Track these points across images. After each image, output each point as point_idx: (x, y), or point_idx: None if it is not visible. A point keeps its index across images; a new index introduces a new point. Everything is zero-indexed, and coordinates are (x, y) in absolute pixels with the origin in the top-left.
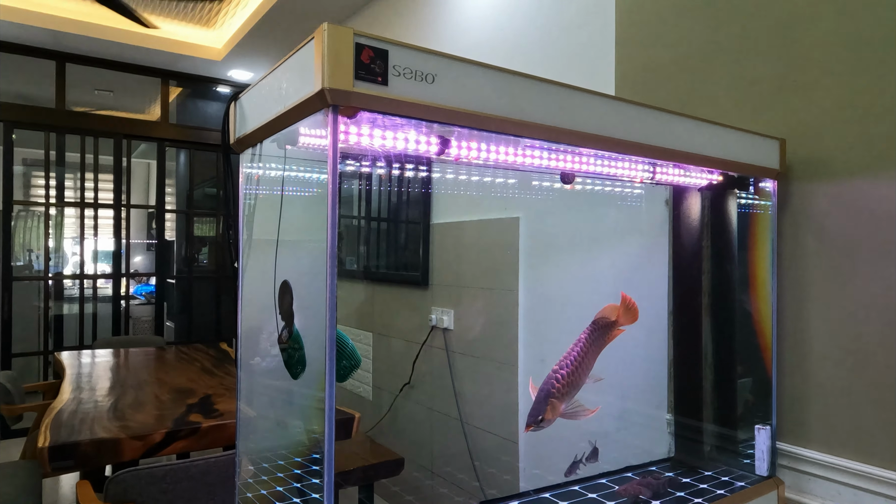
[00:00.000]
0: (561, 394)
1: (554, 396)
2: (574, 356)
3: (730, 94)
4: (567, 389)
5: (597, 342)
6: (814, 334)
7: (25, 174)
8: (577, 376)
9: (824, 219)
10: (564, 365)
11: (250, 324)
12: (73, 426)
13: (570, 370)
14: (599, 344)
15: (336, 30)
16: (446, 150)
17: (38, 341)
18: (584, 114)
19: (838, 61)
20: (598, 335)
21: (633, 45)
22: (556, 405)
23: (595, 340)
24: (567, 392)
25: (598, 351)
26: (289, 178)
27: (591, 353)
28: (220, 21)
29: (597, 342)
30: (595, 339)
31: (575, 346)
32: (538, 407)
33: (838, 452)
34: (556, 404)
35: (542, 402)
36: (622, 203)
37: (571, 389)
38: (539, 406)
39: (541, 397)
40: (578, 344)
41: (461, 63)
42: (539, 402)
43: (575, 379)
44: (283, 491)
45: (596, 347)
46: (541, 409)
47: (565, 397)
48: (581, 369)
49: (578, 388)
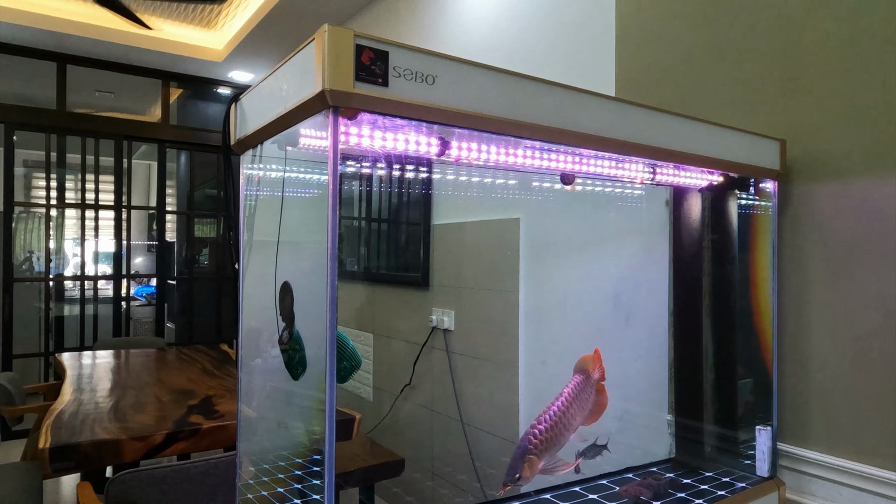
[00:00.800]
0: (539, 450)
1: (531, 453)
2: (553, 411)
3: (730, 95)
4: (546, 446)
5: (580, 397)
6: (814, 335)
7: (26, 175)
8: (557, 432)
9: (825, 219)
10: (543, 420)
11: (251, 325)
12: (73, 427)
13: (549, 425)
14: (583, 399)
15: (336, 31)
16: (446, 151)
17: (38, 343)
18: (584, 114)
19: (838, 62)
20: (580, 390)
21: (634, 45)
22: (533, 462)
23: (578, 396)
24: (546, 448)
25: (582, 407)
26: (289, 180)
27: (574, 408)
28: (220, 22)
29: (580, 397)
30: (577, 394)
31: (556, 401)
32: (515, 465)
33: (839, 453)
34: (534, 461)
35: (519, 460)
36: (622, 204)
37: (551, 446)
38: (516, 464)
39: (517, 454)
40: (560, 398)
41: (461, 64)
42: (516, 460)
43: (554, 434)
44: (284, 492)
45: (579, 403)
46: (517, 467)
47: (544, 454)
48: (561, 425)
49: (559, 444)
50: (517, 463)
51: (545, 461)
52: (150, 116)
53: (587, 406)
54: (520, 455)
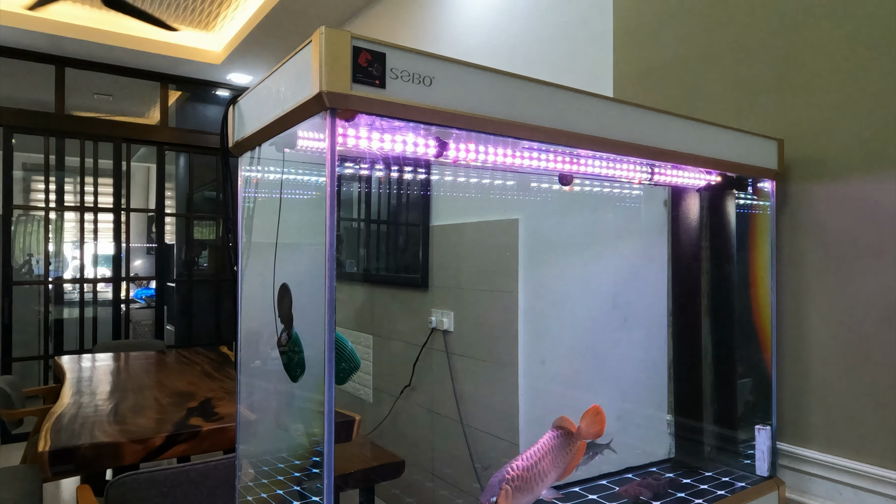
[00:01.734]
0: (514, 484)
1: (507, 483)
2: (531, 453)
3: (728, 95)
4: (520, 483)
5: (557, 449)
6: (813, 334)
7: (25, 179)
8: (532, 475)
9: (823, 218)
10: (521, 458)
11: (250, 327)
12: (73, 430)
13: (526, 465)
14: (561, 453)
15: (333, 33)
16: (444, 152)
17: (38, 345)
18: (582, 115)
19: (835, 62)
20: (558, 442)
21: (632, 46)
22: (509, 493)
23: (555, 447)
24: (520, 488)
25: (559, 461)
26: (287, 182)
27: (550, 458)
28: (218, 24)
29: (557, 449)
30: (555, 445)
31: (533, 446)
32: (491, 489)
33: (839, 452)
34: (509, 492)
35: (496, 486)
36: (621, 204)
37: (525, 485)
38: (493, 488)
39: (494, 481)
40: (537, 444)
41: (459, 65)
42: (492, 485)
43: (530, 476)
44: (284, 494)
45: (555, 454)
46: (494, 491)
47: (519, 491)
48: (536, 470)
49: (532, 491)
50: (494, 488)
51: (522, 496)
52: (149, 119)
53: (561, 464)
54: (497, 482)
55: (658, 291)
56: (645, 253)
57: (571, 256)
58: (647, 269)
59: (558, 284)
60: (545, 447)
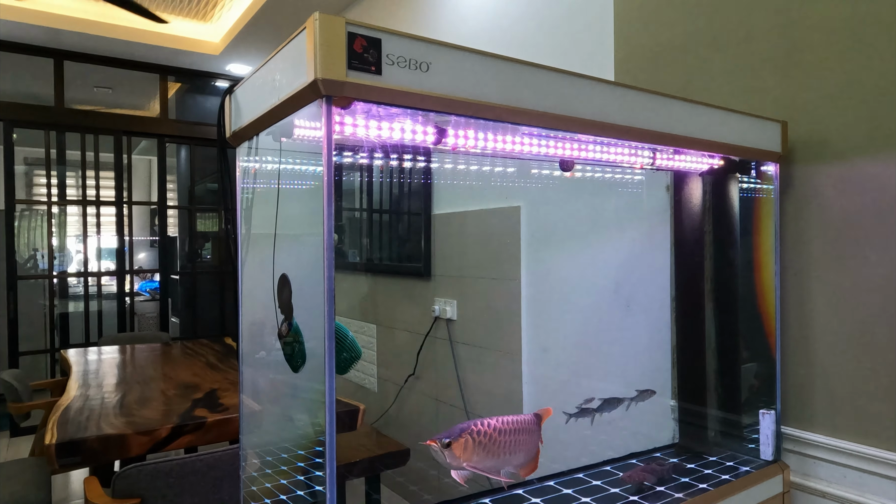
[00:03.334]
0: (477, 438)
1: (470, 434)
2: (506, 420)
3: (730, 77)
4: (485, 441)
5: (529, 434)
6: (818, 318)
7: (27, 173)
8: (499, 442)
9: (827, 201)
10: (495, 419)
11: (252, 318)
12: (79, 423)
13: (498, 427)
14: (530, 442)
15: (328, 19)
16: (443, 139)
17: (44, 339)
18: (582, 100)
19: (839, 42)
20: (533, 429)
21: (632, 29)
22: (468, 444)
23: (529, 431)
24: (484, 445)
25: (528, 448)
26: (285, 171)
27: (522, 437)
28: (216, 15)
29: (529, 434)
30: (529, 429)
31: (511, 417)
32: (450, 433)
33: (843, 436)
34: (469, 443)
35: (456, 432)
36: (623, 189)
37: (488, 446)
38: (452, 432)
39: (457, 428)
40: (516, 417)
41: (456, 50)
42: (453, 430)
43: (496, 441)
44: (288, 484)
45: (527, 437)
46: (452, 435)
47: (480, 448)
48: (504, 439)
49: (494, 457)
50: (454, 432)
51: (477, 460)
52: (149, 111)
53: (528, 451)
54: (458, 431)
55: (661, 277)
56: (648, 238)
57: (574, 243)
58: (650, 255)
59: (561, 271)
60: (521, 423)
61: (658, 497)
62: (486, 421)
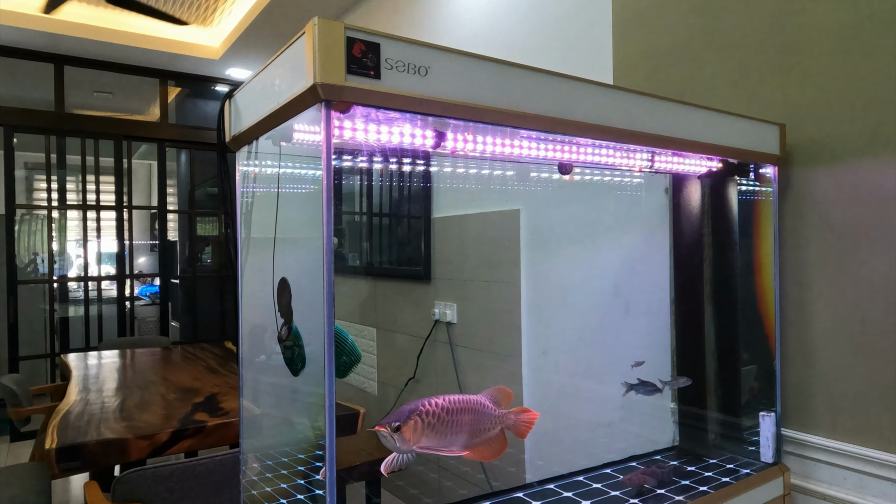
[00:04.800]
0: (426, 419)
1: (419, 416)
2: (455, 399)
3: (728, 80)
4: (434, 422)
5: (480, 414)
6: (817, 320)
7: (27, 178)
8: (448, 421)
9: (826, 203)
10: (443, 398)
11: (252, 322)
12: (79, 427)
13: (447, 407)
14: (481, 422)
15: (326, 24)
16: (442, 142)
17: (44, 344)
18: (580, 103)
19: (837, 45)
20: (484, 408)
21: (631, 32)
22: (418, 425)
23: (479, 411)
24: (433, 426)
25: (476, 428)
26: (285, 176)
27: (470, 416)
28: (216, 19)
29: (480, 414)
30: (479, 409)
31: (461, 396)
32: (399, 415)
33: (843, 438)
34: (418, 424)
35: (405, 414)
36: (622, 192)
37: (437, 426)
38: (401, 414)
39: (406, 409)
40: (466, 396)
41: (454, 55)
42: (402, 412)
43: (445, 420)
44: (288, 488)
45: (475, 417)
46: (401, 418)
47: (429, 429)
48: (453, 419)
49: (442, 436)
50: (403, 414)
51: (426, 440)
52: (149, 116)
53: (476, 431)
54: (408, 410)
55: (660, 279)
56: (647, 241)
57: (573, 246)
58: (649, 258)
59: (560, 274)
60: (471, 403)
61: (658, 500)
62: (433, 400)
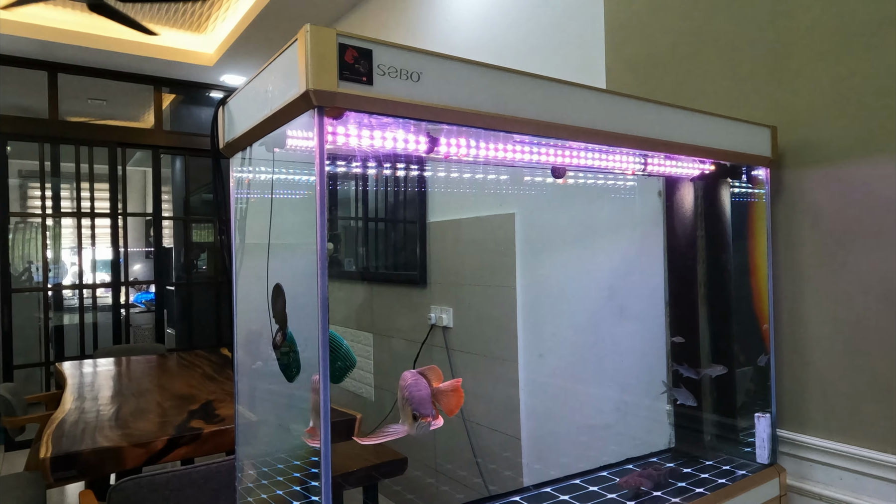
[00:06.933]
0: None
1: (427, 400)
2: (408, 377)
3: (720, 83)
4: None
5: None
6: (811, 321)
7: (21, 186)
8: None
9: (818, 205)
10: (413, 382)
11: (247, 328)
12: (74, 436)
13: (413, 381)
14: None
15: (319, 31)
16: (435, 148)
17: (39, 352)
18: (573, 107)
19: (828, 47)
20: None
21: (623, 36)
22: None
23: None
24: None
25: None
26: (279, 182)
27: (421, 382)
28: (210, 26)
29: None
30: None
31: (407, 381)
32: (423, 405)
33: (838, 438)
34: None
35: (428, 402)
36: (615, 196)
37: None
38: (425, 405)
39: (426, 396)
40: (407, 380)
41: (446, 60)
42: (424, 401)
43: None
44: (284, 495)
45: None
46: (428, 409)
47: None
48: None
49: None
50: (426, 405)
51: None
52: (144, 123)
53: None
54: (425, 404)
55: (655, 282)
56: (641, 244)
57: (568, 249)
58: (644, 260)
59: (555, 278)
60: (414, 377)
61: (655, 502)
62: (409, 388)
